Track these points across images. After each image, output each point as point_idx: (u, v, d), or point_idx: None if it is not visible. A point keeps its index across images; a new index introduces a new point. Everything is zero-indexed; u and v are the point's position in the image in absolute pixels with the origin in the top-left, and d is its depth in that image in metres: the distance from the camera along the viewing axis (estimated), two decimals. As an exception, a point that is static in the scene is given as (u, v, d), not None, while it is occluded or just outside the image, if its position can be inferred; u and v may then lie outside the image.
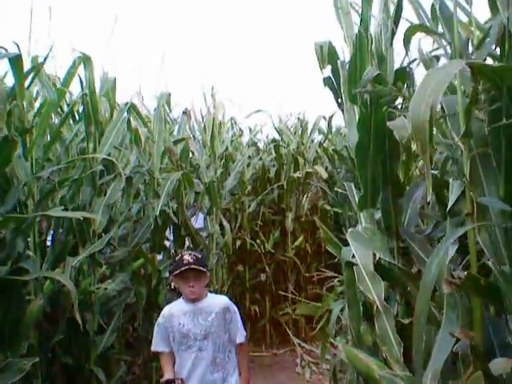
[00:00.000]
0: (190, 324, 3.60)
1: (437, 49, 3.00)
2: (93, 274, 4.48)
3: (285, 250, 8.49)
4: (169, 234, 5.94)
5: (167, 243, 5.92)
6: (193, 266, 3.54)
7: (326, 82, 3.26)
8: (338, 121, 8.67)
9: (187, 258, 3.60)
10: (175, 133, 6.59)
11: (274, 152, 8.66)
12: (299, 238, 8.40)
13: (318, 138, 8.85)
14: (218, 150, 6.54)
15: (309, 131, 8.74)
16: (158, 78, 5.84)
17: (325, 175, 7.56)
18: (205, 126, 6.91)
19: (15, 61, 2.85)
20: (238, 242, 8.06)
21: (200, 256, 3.73)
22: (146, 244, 5.59)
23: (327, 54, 3.13)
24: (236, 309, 3.78)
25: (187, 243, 5.96)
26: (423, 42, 3.08)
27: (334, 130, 8.34)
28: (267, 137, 9.27)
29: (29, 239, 4.12)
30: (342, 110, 3.19)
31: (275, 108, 9.70)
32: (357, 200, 3.01)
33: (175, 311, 3.66)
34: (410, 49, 2.69)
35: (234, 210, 8.09)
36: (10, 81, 4.06)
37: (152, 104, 6.03)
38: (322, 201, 8.23)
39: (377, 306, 2.56)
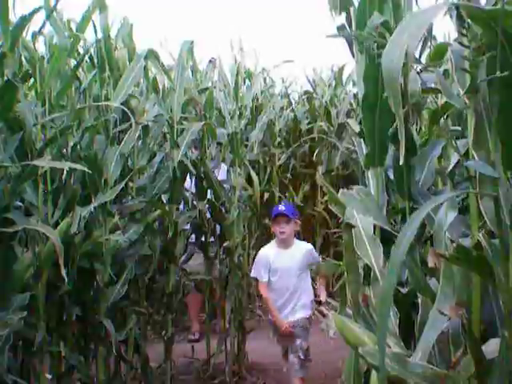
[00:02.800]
0: None
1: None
2: (104, 225, 4.38)
3: (314, 205, 8.32)
4: (189, 185, 5.81)
5: (188, 194, 5.80)
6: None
7: (340, 30, 3.03)
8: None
9: None
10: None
11: (306, 104, 8.41)
12: (329, 192, 8.18)
13: (354, 90, 8.53)
14: (243, 100, 6.31)
15: (343, 83, 8.45)
16: (185, 29, 5.62)
17: (357, 128, 7.29)
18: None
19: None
20: (267, 195, 7.90)
21: None
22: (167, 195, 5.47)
23: (339, 1, 2.88)
24: None
25: (209, 195, 5.83)
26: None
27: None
28: (301, 88, 9.01)
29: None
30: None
31: (309, 59, 9.39)
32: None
33: None
34: None
35: (264, 162, 7.91)
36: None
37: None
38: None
39: (374, 272, 2.38)
